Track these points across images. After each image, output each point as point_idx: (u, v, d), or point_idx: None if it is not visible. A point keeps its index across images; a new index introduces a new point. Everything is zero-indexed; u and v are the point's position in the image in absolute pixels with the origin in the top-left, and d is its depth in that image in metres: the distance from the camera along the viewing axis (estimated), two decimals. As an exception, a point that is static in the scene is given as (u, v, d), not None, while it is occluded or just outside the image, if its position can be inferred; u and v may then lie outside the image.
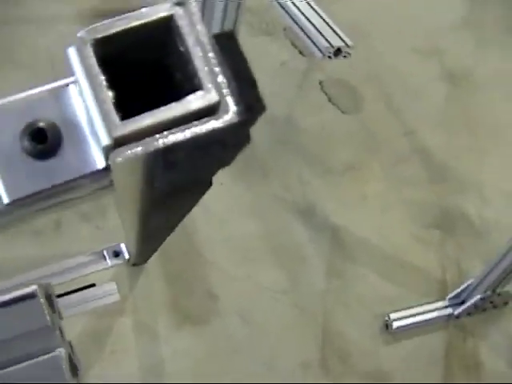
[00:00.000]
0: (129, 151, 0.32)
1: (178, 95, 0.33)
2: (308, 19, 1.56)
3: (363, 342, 1.63)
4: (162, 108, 0.32)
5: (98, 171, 0.36)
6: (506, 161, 1.90)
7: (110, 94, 0.33)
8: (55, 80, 0.37)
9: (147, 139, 0.32)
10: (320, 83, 1.88)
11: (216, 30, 1.73)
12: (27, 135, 0.35)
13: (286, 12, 1.60)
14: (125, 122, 0.32)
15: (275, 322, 1.61)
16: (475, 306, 1.67)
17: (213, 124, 0.33)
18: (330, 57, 1.56)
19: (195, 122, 0.33)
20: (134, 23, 0.33)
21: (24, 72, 1.74)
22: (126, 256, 1.39)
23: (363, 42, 1.86)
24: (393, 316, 1.65)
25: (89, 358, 1.46)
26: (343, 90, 1.90)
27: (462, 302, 1.69)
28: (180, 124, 0.33)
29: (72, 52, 0.33)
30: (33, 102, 0.36)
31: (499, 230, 1.76)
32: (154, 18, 0.33)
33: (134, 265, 1.50)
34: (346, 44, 1.55)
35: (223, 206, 1.65)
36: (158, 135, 0.33)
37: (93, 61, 0.32)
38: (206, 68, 0.33)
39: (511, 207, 1.82)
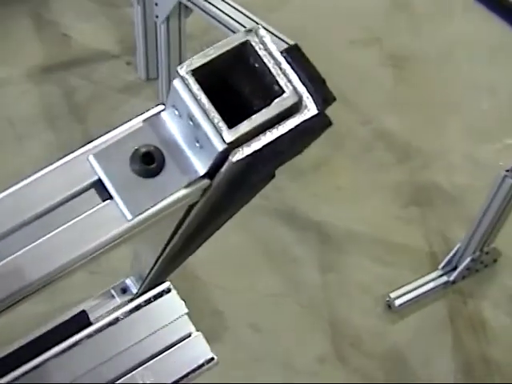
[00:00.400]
0: (243, 150, 0.40)
1: (259, 104, 0.41)
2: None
3: (370, 325, 1.67)
4: (257, 114, 0.40)
5: (199, 178, 0.43)
6: (462, 127, 1.97)
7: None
8: (144, 111, 0.44)
9: (252, 140, 0.40)
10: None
11: (166, 50, 1.78)
12: (136, 160, 0.42)
13: (227, 27, 1.65)
14: (234, 128, 0.40)
15: (283, 324, 1.64)
16: (468, 268, 1.72)
17: (299, 118, 0.41)
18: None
19: (286, 121, 0.41)
20: (219, 52, 0.41)
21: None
22: (134, 291, 1.40)
23: (304, 42, 1.91)
24: (393, 295, 1.70)
25: None
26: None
27: (455, 268, 1.74)
28: (272, 124, 0.41)
29: (177, 83, 0.40)
30: (134, 132, 0.43)
31: (473, 193, 1.82)
32: (236, 43, 0.41)
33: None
34: (289, 45, 1.60)
35: (209, 225, 1.68)
36: (259, 135, 0.40)
37: (197, 86, 0.40)
38: (282, 76, 0.41)
39: (478, 169, 1.89)
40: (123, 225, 0.43)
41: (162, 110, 0.43)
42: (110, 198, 0.43)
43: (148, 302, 0.62)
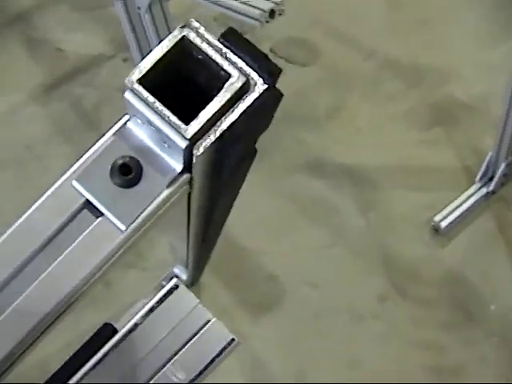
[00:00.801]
0: (205, 141, 0.42)
1: (211, 92, 0.42)
2: (230, -3, 1.60)
3: (422, 254, 1.68)
4: (210, 103, 0.42)
5: (178, 175, 0.45)
6: (465, 37, 1.95)
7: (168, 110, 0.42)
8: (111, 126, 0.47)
9: (212, 128, 0.42)
10: (271, 50, 1.93)
11: (156, 38, 1.78)
12: (116, 173, 0.44)
13: (208, 0, 1.64)
14: (190, 124, 0.41)
15: (338, 273, 1.66)
16: (504, 174, 1.71)
17: (252, 96, 0.42)
18: (267, 21, 1.59)
19: (239, 102, 0.42)
20: (159, 55, 0.42)
21: (10, 168, 1.79)
22: (184, 277, 1.43)
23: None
24: (437, 218, 1.70)
25: None
26: (294, 45, 1.95)
27: (492, 177, 1.73)
28: (227, 108, 0.42)
29: (127, 94, 0.42)
30: (107, 147, 0.45)
31: (493, 99, 1.81)
32: (172, 43, 0.42)
33: (192, 284, 1.54)
34: (275, 2, 1.58)
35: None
36: (217, 122, 0.42)
37: (146, 93, 0.42)
38: (225, 61, 0.42)
39: (492, 74, 1.87)
40: (119, 237, 0.45)
41: (128, 120, 0.45)
42: (102, 214, 0.45)
43: (160, 302, 0.65)
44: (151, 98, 0.42)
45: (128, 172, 0.44)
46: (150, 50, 0.42)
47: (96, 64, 1.94)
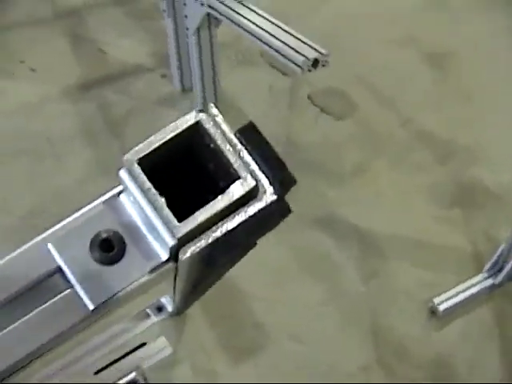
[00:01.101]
0: (193, 247, 0.39)
1: (216, 184, 0.40)
2: (278, 39, 1.60)
3: (414, 332, 1.65)
4: (211, 203, 0.38)
5: (163, 263, 0.41)
6: (504, 124, 1.93)
7: (163, 200, 0.39)
8: (102, 193, 0.43)
9: (206, 232, 0.39)
10: (309, 97, 1.92)
11: (198, 61, 1.77)
12: (96, 247, 0.41)
13: (256, 37, 1.64)
14: (183, 222, 0.38)
15: (326, 333, 1.63)
16: (513, 269, 1.68)
17: (257, 206, 0.40)
18: (309, 70, 1.58)
19: (243, 208, 0.39)
20: (168, 136, 0.40)
21: (26, 157, 1.79)
22: (170, 309, 1.41)
23: (338, 46, 1.89)
24: (437, 300, 1.67)
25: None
26: (332, 97, 1.94)
27: (500, 270, 1.70)
28: (229, 211, 0.39)
29: (123, 173, 0.39)
30: (93, 216, 0.41)
31: (518, 192, 1.78)
32: (185, 126, 0.40)
33: (177, 314, 1.53)
34: (321, 53, 1.57)
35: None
36: (214, 227, 0.39)
37: (143, 178, 0.39)
38: (238, 159, 0.39)
39: (523, 166, 1.85)
40: (83, 314, 0.42)
41: (121, 192, 0.42)
42: (71, 286, 0.42)
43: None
44: (147, 184, 0.39)
45: (109, 249, 0.41)
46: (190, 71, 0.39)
47: (134, 74, 1.94)
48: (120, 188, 0.43)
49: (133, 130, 1.84)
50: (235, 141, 0.40)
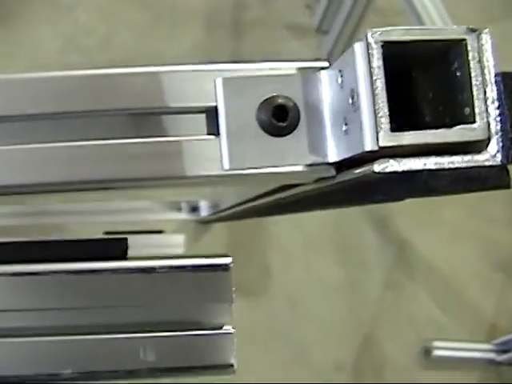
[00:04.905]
0: (392, 165, 0.33)
1: (437, 113, 0.34)
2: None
3: (400, 359, 1.63)
4: (432, 131, 0.32)
5: (327, 165, 0.36)
6: None
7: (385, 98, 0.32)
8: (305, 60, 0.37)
9: (410, 158, 0.33)
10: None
11: (342, 17, 1.73)
12: (266, 108, 0.35)
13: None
14: (396, 134, 0.32)
15: (321, 315, 1.61)
16: (520, 356, 1.65)
17: (473, 161, 0.33)
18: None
19: (458, 156, 0.33)
20: (426, 37, 0.33)
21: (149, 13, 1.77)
22: (203, 214, 1.39)
23: None
24: (436, 344, 1.64)
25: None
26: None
27: (507, 351, 1.67)
28: (441, 151, 0.33)
29: (358, 48, 0.33)
30: (279, 77, 0.36)
31: None
32: (447, 37, 0.33)
33: (204, 223, 1.51)
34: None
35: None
36: (422, 157, 0.33)
37: (380, 63, 0.32)
38: (482, 102, 0.33)
39: None
40: (215, 171, 0.36)
41: (324, 68, 0.36)
42: (217, 134, 0.36)
43: (198, 269, 0.47)
44: (380, 72, 0.32)
45: (281, 118, 0.35)
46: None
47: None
48: (323, 64, 0.37)
49: (251, 38, 1.81)
50: (491, 81, 0.33)
